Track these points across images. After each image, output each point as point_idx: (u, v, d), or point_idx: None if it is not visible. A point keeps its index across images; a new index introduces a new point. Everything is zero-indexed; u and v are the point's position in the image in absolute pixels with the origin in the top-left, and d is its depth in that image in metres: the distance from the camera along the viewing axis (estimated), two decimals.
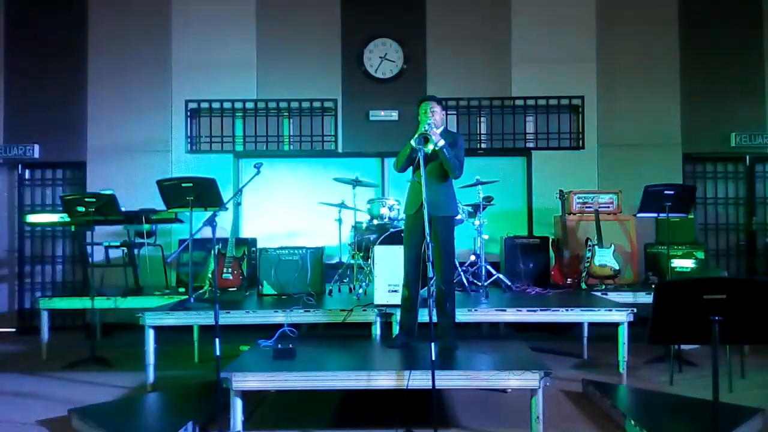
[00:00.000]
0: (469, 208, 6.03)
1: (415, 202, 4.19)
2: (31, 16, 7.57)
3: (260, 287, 5.65)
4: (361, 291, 5.60)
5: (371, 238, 5.86)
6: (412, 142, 4.10)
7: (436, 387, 3.46)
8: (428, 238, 3.72)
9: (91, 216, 5.69)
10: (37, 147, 7.49)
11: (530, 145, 7.50)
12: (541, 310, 4.84)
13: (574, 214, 6.55)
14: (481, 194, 5.99)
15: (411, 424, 3.76)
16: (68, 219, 6.10)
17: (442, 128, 4.33)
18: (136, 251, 6.64)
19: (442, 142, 4.13)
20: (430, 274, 3.69)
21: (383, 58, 7.45)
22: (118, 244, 6.49)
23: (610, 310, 4.77)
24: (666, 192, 5.65)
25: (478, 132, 7.54)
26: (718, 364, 3.12)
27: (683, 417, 3.94)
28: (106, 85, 7.47)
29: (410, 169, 4.37)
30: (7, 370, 5.45)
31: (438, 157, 4.17)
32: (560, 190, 6.53)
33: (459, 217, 5.85)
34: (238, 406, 3.67)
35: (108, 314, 6.50)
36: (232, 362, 4.03)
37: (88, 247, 5.99)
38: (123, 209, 6.18)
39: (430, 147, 4.09)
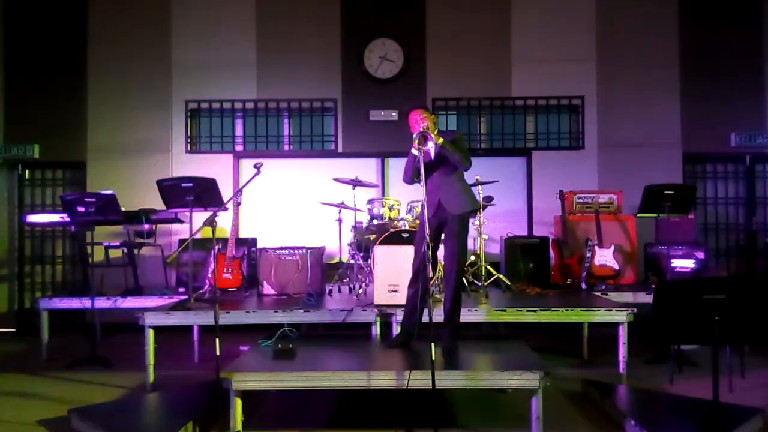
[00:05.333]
0: None
1: (433, 205, 4.21)
2: (31, 16, 7.57)
3: (260, 287, 5.65)
4: (361, 291, 5.60)
5: (371, 238, 5.86)
6: (414, 152, 4.09)
7: (436, 387, 3.45)
8: (428, 239, 3.72)
9: (91, 216, 5.69)
10: (37, 147, 7.49)
11: (530, 145, 7.51)
12: (541, 310, 4.83)
13: (574, 214, 6.55)
14: (481, 194, 6.00)
15: (411, 424, 3.76)
16: (68, 219, 6.10)
17: (436, 131, 4.32)
18: (136, 251, 6.64)
19: (441, 140, 4.12)
20: (430, 274, 3.68)
21: (383, 58, 7.45)
22: (118, 244, 6.49)
23: (610, 310, 4.77)
24: (666, 192, 5.65)
25: (478, 132, 7.54)
26: (718, 364, 3.12)
27: (683, 417, 3.94)
28: (106, 85, 7.47)
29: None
30: (7, 370, 5.44)
31: (441, 157, 4.16)
32: (560, 190, 6.53)
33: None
34: (238, 406, 3.67)
35: (108, 314, 6.49)
36: (232, 362, 4.03)
37: (88, 247, 5.98)
38: (123, 209, 6.18)
39: (431, 144, 4.06)
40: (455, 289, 4.21)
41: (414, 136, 4.09)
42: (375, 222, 6.04)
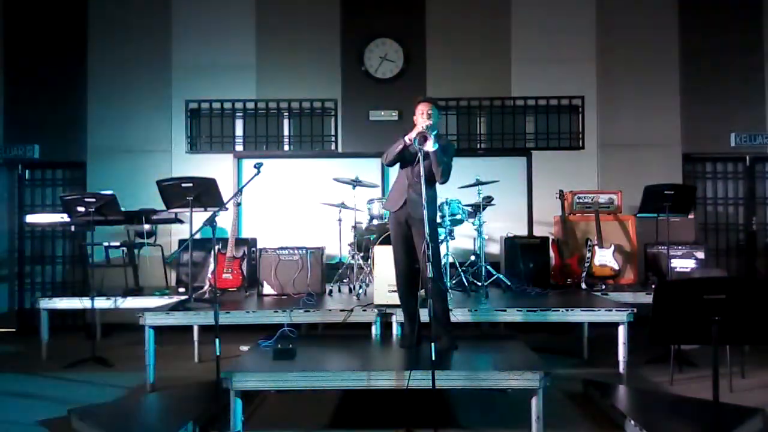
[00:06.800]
0: (469, 208, 6.03)
1: (398, 200, 4.21)
2: (31, 16, 7.57)
3: (260, 287, 5.65)
4: (361, 291, 5.60)
5: (371, 238, 5.86)
6: (406, 139, 4.10)
7: (436, 387, 3.45)
8: (427, 239, 3.71)
9: (91, 216, 5.69)
10: (37, 147, 7.49)
11: (530, 145, 7.50)
12: (541, 310, 4.84)
13: (574, 214, 6.55)
14: (481, 194, 5.99)
15: (411, 424, 3.76)
16: (68, 219, 6.10)
17: (435, 132, 4.30)
18: (136, 251, 6.64)
19: (437, 146, 4.10)
20: (430, 274, 3.68)
21: (383, 58, 7.45)
22: (118, 244, 6.49)
23: (610, 310, 4.78)
24: (666, 192, 5.66)
25: (478, 132, 7.54)
26: (718, 364, 3.12)
27: (683, 417, 3.94)
28: (106, 85, 7.47)
29: (396, 165, 4.34)
30: (7, 370, 5.44)
31: (427, 158, 4.14)
32: (560, 190, 6.53)
33: (459, 217, 5.85)
34: (238, 406, 3.67)
35: (108, 314, 6.50)
36: (232, 362, 4.03)
37: (88, 247, 5.98)
38: (123, 209, 6.18)
39: (428, 147, 4.04)
40: (440, 288, 4.19)
41: (414, 134, 4.07)
42: (375, 222, 6.04)
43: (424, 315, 4.26)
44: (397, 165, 4.36)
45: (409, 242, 4.22)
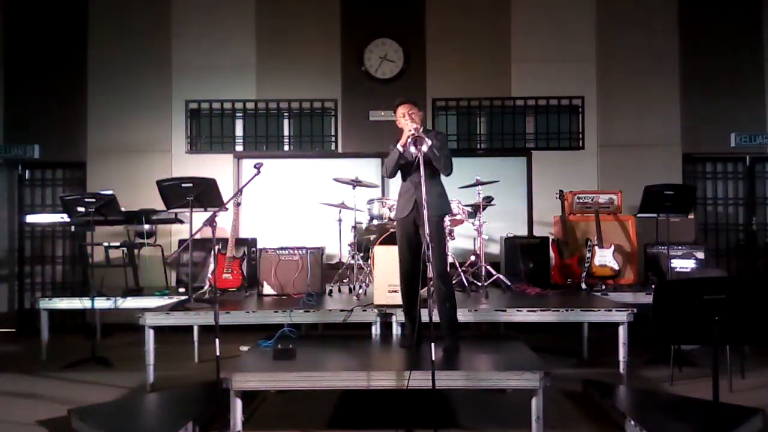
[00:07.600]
0: (469, 208, 6.03)
1: (407, 206, 4.20)
2: (31, 16, 7.58)
3: (260, 287, 5.65)
4: (361, 291, 5.60)
5: (371, 238, 5.86)
6: (399, 147, 4.10)
7: (436, 387, 3.45)
8: (428, 239, 3.71)
9: (91, 216, 5.69)
10: (37, 147, 7.49)
11: (530, 145, 7.50)
12: (541, 310, 4.83)
13: (574, 214, 6.55)
14: (481, 194, 5.99)
15: (411, 424, 3.76)
16: (68, 219, 6.10)
17: (422, 128, 4.29)
18: (136, 251, 6.64)
19: (430, 142, 4.07)
20: (430, 274, 3.68)
21: (383, 58, 7.45)
22: (118, 244, 6.49)
23: (610, 310, 4.77)
24: (666, 192, 5.67)
25: (478, 132, 7.54)
26: (718, 364, 3.12)
27: (683, 417, 3.94)
28: (106, 85, 7.47)
29: (398, 173, 4.33)
30: (7, 370, 5.44)
31: (425, 158, 4.12)
32: (560, 190, 6.53)
33: (459, 217, 5.85)
34: (238, 406, 3.67)
35: (108, 314, 6.50)
36: (232, 362, 4.03)
37: (88, 247, 5.99)
38: (123, 209, 6.18)
39: (425, 147, 4.02)
40: (448, 289, 4.20)
41: (407, 138, 4.05)
42: (375, 222, 6.03)
43: (424, 315, 4.25)
44: (399, 175, 4.34)
45: (415, 244, 4.21)
